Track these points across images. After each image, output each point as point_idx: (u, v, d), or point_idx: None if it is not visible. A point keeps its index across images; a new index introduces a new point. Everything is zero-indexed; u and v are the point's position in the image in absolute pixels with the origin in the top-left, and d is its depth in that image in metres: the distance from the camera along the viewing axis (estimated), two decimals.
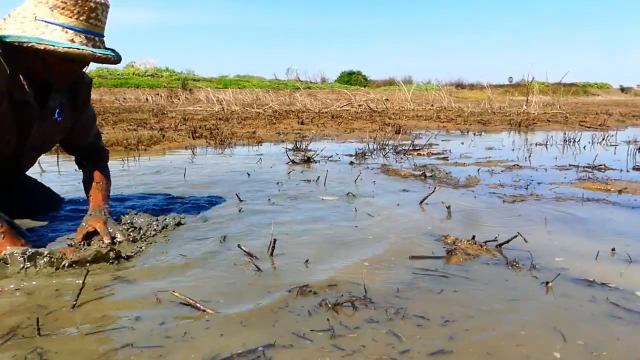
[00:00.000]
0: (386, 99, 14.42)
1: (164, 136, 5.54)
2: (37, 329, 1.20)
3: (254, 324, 1.27)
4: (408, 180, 3.36)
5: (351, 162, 4.16)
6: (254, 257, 1.72)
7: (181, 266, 1.67)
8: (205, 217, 2.28)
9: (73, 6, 1.66)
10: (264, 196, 2.77)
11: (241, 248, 1.77)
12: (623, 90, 37.43)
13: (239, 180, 3.26)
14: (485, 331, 1.26)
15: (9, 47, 1.67)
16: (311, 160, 4.16)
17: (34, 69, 1.76)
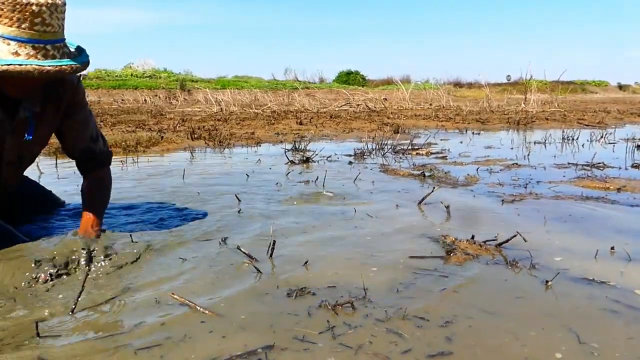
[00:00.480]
0: (384, 98, 14.43)
1: (162, 137, 5.53)
2: (36, 332, 1.19)
3: (253, 325, 1.27)
4: (407, 179, 3.36)
5: (350, 162, 4.16)
6: (254, 259, 1.72)
7: (180, 268, 1.67)
8: (205, 218, 2.28)
9: (11, 12, 1.44)
10: (263, 197, 2.77)
11: (241, 250, 1.77)
12: (621, 87, 37.47)
13: (238, 181, 3.26)
14: (486, 331, 1.26)
15: None
16: (310, 160, 4.16)
17: None
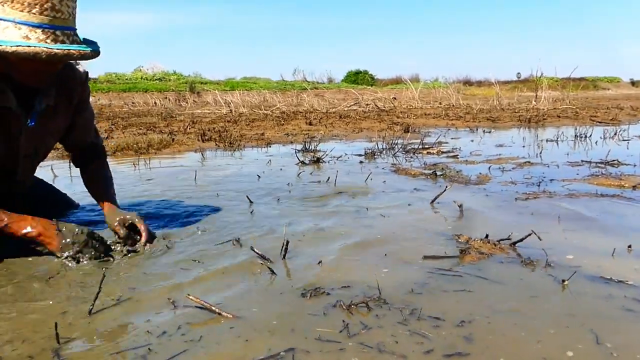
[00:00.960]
0: (394, 97, 14.39)
1: (173, 139, 5.56)
2: (55, 334, 1.20)
3: (270, 326, 1.28)
4: (418, 179, 3.35)
5: (361, 162, 4.15)
6: (267, 260, 1.73)
7: (195, 269, 1.67)
8: (217, 219, 2.29)
9: None
10: (274, 197, 2.77)
11: (254, 251, 1.77)
12: (634, 83, 37.03)
13: (249, 182, 3.27)
14: (502, 331, 1.25)
15: None
16: (320, 160, 4.16)
17: (10, 72, 1.63)
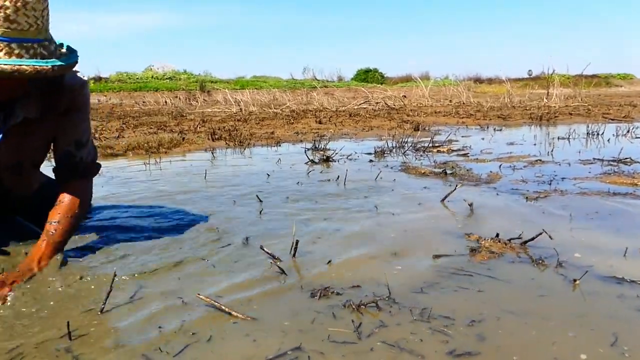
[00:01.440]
0: (403, 95, 14.34)
1: (184, 139, 5.59)
2: (68, 333, 1.22)
3: (279, 326, 1.28)
4: (429, 177, 3.34)
5: (370, 161, 4.14)
6: (277, 259, 1.73)
7: (204, 269, 1.68)
8: (227, 218, 2.29)
9: None
10: (284, 196, 2.78)
11: (264, 250, 1.78)
12: None
13: (259, 181, 3.28)
14: (513, 331, 1.24)
15: None
16: (330, 159, 4.16)
17: None
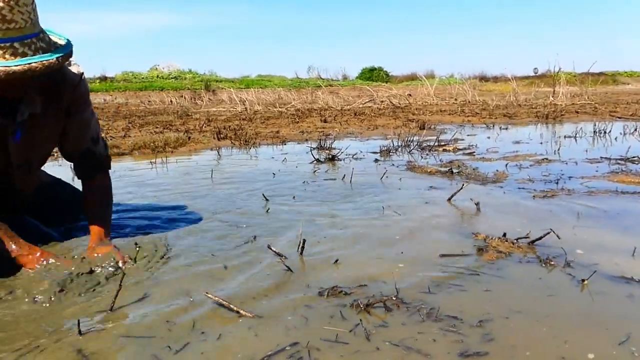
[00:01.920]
0: (409, 94, 14.31)
1: (189, 138, 5.61)
2: (78, 330, 1.23)
3: (285, 325, 1.28)
4: (435, 176, 3.33)
5: (376, 160, 4.14)
6: (284, 258, 1.73)
7: (212, 267, 1.69)
8: (233, 218, 2.30)
9: None
10: (290, 195, 2.78)
11: (271, 249, 1.78)
12: None
13: (264, 180, 3.28)
14: (521, 331, 1.24)
15: None
16: (336, 158, 4.16)
17: None
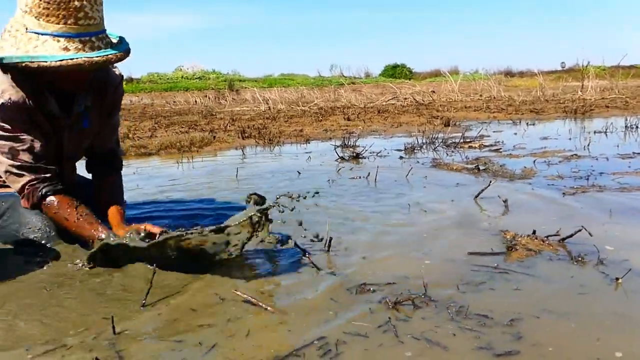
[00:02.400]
0: (432, 90, 14.17)
1: (214, 137, 5.67)
2: (112, 327, 1.26)
3: (314, 322, 1.29)
4: (461, 174, 3.30)
5: (401, 157, 4.12)
6: (311, 255, 1.74)
7: (240, 265, 1.71)
8: None
9: (57, 10, 1.52)
10: (315, 194, 2.78)
11: (298, 246, 1.79)
12: None
13: (289, 179, 3.29)
14: (552, 331, 1.22)
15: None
16: (360, 156, 4.15)
17: (46, 80, 1.70)
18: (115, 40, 1.73)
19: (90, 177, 2.11)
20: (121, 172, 2.13)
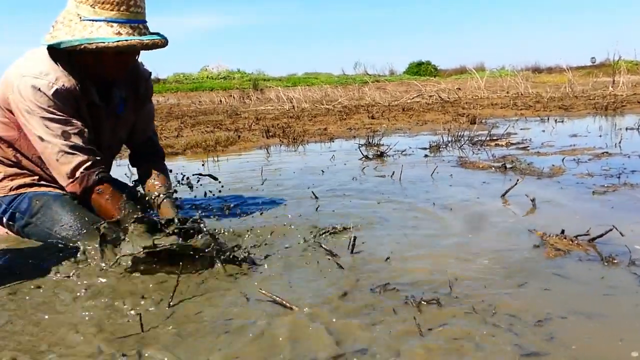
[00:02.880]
0: (458, 88, 13.99)
1: (239, 137, 5.72)
2: (140, 325, 1.28)
3: (340, 322, 1.29)
4: (487, 172, 3.25)
5: (426, 156, 4.08)
6: (335, 255, 1.74)
7: (265, 264, 1.72)
8: (282, 215, 2.33)
9: None
10: (339, 193, 2.79)
11: (322, 246, 1.80)
12: None
13: (313, 178, 3.30)
14: (581, 332, 1.20)
15: (67, 53, 1.81)
16: (384, 155, 4.13)
17: (91, 69, 1.87)
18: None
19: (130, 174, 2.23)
20: (164, 162, 2.26)
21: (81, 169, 1.87)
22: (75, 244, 1.87)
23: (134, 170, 2.31)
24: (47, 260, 1.79)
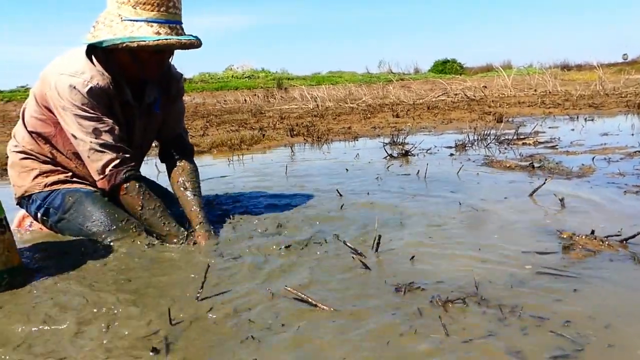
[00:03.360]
0: (484, 86, 13.79)
1: (264, 135, 5.76)
2: (169, 319, 1.31)
3: (365, 321, 1.29)
4: (514, 171, 3.20)
5: (451, 154, 4.04)
6: (360, 254, 1.75)
7: (290, 263, 1.74)
8: (308, 213, 2.34)
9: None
10: (364, 191, 2.78)
11: (347, 245, 1.80)
12: None
13: (338, 176, 3.31)
14: (612, 335, 1.17)
15: (104, 52, 1.88)
16: (409, 154, 4.11)
17: (127, 69, 1.92)
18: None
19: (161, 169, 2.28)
20: (193, 159, 2.29)
21: (110, 167, 1.93)
22: (105, 240, 1.92)
23: (163, 167, 2.36)
24: (77, 253, 1.84)
